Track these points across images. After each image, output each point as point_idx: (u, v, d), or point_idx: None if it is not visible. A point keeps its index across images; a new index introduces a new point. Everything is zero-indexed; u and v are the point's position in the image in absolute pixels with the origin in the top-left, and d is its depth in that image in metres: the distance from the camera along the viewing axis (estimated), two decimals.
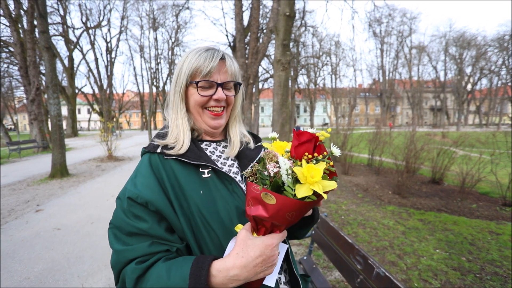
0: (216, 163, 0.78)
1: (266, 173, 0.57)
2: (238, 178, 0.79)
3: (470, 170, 5.15)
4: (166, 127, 0.81)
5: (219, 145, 0.85)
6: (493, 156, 5.17)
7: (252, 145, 0.88)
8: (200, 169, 0.72)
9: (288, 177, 0.54)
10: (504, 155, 5.15)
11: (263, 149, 0.76)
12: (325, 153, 0.57)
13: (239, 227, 0.66)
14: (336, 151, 0.58)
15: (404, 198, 5.11)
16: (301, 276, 0.85)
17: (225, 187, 0.73)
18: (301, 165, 0.54)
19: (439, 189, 5.73)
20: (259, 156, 0.85)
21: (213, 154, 0.81)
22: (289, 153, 0.59)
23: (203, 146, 0.82)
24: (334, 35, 38.84)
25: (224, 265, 0.57)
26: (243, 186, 0.77)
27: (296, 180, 0.54)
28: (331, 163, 0.57)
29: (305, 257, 2.06)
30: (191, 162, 0.71)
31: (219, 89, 0.76)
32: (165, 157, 0.72)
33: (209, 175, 0.72)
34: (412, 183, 5.90)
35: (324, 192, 0.53)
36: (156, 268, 0.61)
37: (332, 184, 0.54)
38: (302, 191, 0.52)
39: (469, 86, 39.50)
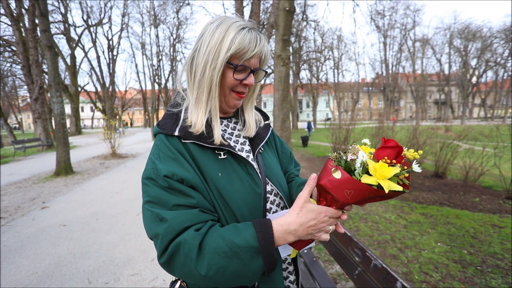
0: (229, 141, 0.79)
1: (344, 158, 0.66)
2: (251, 157, 0.80)
3: (473, 163, 5.11)
4: (178, 105, 0.78)
5: (230, 122, 0.85)
6: (496, 150, 5.13)
7: (262, 123, 0.90)
8: (216, 151, 0.73)
9: (360, 167, 0.61)
10: (508, 148, 5.10)
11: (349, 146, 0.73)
12: (405, 167, 0.59)
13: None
14: (416, 168, 0.59)
15: (406, 192, 5.10)
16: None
17: (241, 168, 0.75)
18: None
19: (442, 183, 5.71)
20: (268, 134, 0.89)
21: (225, 132, 0.81)
22: (372, 154, 0.64)
23: (214, 124, 0.77)
24: (336, 29, 38.43)
25: (286, 221, 0.64)
26: (255, 165, 0.78)
27: (366, 172, 0.60)
28: (406, 175, 0.59)
29: (305, 250, 2.08)
30: (208, 146, 0.71)
31: (251, 75, 0.74)
32: (183, 140, 0.71)
33: (225, 156, 0.74)
34: (414, 177, 5.89)
35: (390, 192, 0.56)
36: (214, 231, 0.63)
37: (398, 187, 0.56)
38: (367, 180, 0.57)
39: (474, 79, 38.96)
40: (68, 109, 32.56)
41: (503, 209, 4.15)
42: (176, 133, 0.71)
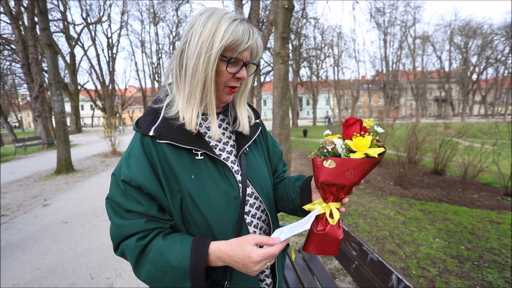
0: (210, 139, 0.77)
1: (325, 150, 0.71)
2: (231, 158, 0.78)
3: (472, 160, 5.14)
4: (160, 101, 0.76)
5: (217, 118, 0.80)
6: (495, 147, 5.15)
7: (253, 121, 0.87)
8: (194, 151, 0.71)
9: (343, 150, 0.68)
10: (507, 145, 5.12)
11: (320, 141, 0.75)
12: (371, 133, 0.69)
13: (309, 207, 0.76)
14: (380, 129, 0.70)
15: (405, 189, 5.14)
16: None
17: (217, 171, 0.73)
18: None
19: (441, 179, 5.74)
20: (256, 135, 0.85)
21: (209, 130, 0.78)
22: (341, 138, 0.72)
23: (211, 119, 0.75)
24: (336, 27, 38.32)
25: (219, 248, 0.64)
26: (236, 166, 0.77)
27: (350, 151, 0.67)
28: (377, 138, 0.69)
29: None
30: (184, 146, 0.69)
31: (243, 68, 0.72)
32: (158, 140, 0.69)
33: (202, 157, 0.72)
34: (414, 174, 5.91)
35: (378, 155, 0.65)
36: (156, 243, 0.66)
37: (380, 149, 0.65)
38: (356, 155, 0.65)
39: (474, 76, 38.80)
40: (68, 107, 32.50)
41: (501, 205, 4.18)
42: (151, 133, 0.69)
